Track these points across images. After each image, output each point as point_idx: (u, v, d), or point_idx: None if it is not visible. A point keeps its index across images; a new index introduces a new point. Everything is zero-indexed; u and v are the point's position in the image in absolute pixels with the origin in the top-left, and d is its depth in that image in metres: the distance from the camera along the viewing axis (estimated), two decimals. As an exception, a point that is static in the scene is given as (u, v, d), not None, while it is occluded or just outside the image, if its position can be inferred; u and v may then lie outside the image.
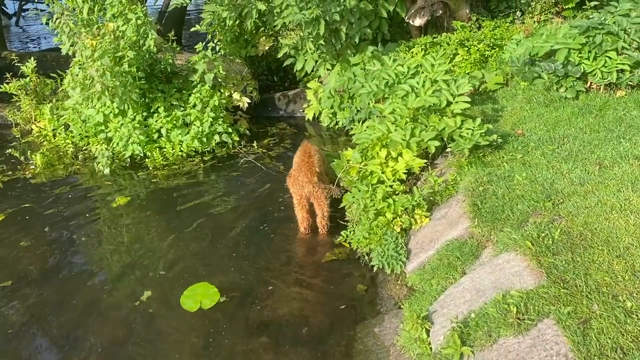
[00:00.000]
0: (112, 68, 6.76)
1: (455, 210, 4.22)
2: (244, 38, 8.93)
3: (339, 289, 4.41)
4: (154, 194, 6.30)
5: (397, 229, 4.43)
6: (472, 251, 3.87)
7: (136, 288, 4.57)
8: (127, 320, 4.19)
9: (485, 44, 6.75)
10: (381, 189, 4.54)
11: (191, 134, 7.12)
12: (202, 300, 4.31)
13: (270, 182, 6.38)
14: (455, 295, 3.49)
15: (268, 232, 5.32)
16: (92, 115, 7.15)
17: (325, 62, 7.57)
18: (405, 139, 4.62)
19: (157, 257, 5.00)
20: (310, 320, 4.10)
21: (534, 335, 2.85)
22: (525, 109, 5.48)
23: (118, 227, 5.58)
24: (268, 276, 4.63)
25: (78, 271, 4.87)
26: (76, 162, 7.24)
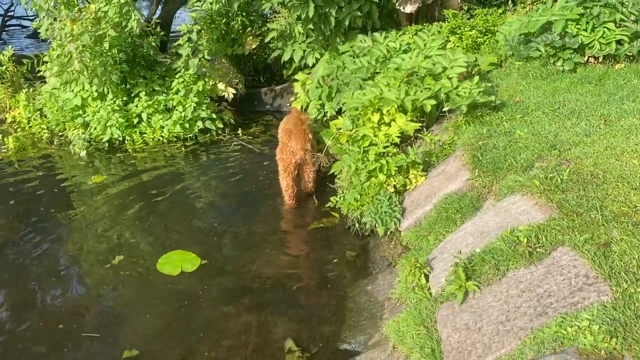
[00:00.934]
0: (92, 47, 6.51)
1: (453, 166, 3.97)
2: (230, 37, 8.76)
3: (327, 255, 4.16)
4: (131, 173, 6.00)
5: (390, 189, 4.16)
6: (473, 203, 3.60)
7: (108, 255, 4.24)
8: (101, 282, 3.85)
9: (478, 30, 6.63)
10: (373, 150, 4.28)
11: (173, 119, 6.86)
12: (183, 265, 4.01)
13: (254, 164, 6.14)
14: (456, 240, 3.20)
15: (251, 206, 5.10)
16: (69, 99, 6.87)
17: (314, 51, 7.39)
18: (400, 98, 4.38)
19: (130, 228, 4.70)
20: (297, 283, 3.82)
21: (548, 263, 2.56)
22: (522, 84, 5.29)
23: (90, 202, 5.24)
24: (251, 244, 4.37)
25: (43, 241, 4.50)
26: (51, 147, 6.91)
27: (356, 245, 4.25)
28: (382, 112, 4.64)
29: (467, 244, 3.07)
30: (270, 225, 4.66)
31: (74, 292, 3.79)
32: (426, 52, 5.30)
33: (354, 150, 4.41)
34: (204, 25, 8.17)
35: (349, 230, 4.44)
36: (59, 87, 7.12)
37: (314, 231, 4.51)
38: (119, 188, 5.63)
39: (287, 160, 4.88)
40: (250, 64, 9.13)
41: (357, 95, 4.80)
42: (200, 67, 7.32)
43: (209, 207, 5.11)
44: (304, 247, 4.31)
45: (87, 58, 6.44)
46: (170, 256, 4.17)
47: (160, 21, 7.59)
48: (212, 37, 8.46)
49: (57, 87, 7.13)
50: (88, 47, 6.43)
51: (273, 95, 8.48)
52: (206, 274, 3.93)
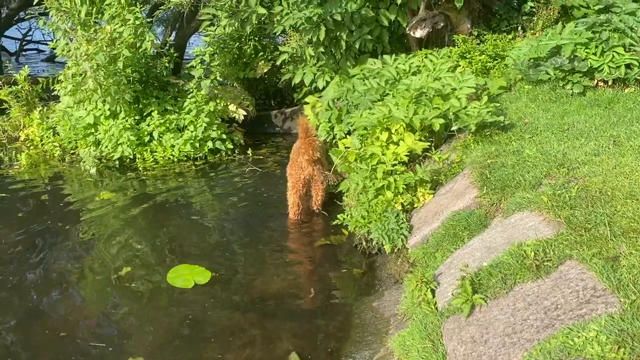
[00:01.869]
0: (107, 67, 6.65)
1: (461, 184, 3.97)
2: (242, 61, 8.92)
3: (333, 272, 4.16)
4: (141, 191, 6.06)
5: (398, 207, 4.16)
6: (481, 220, 3.59)
7: (116, 267, 4.27)
8: (108, 293, 3.90)
9: (487, 55, 6.70)
10: (381, 168, 4.30)
11: (184, 138, 6.94)
12: (195, 278, 4.04)
13: (263, 183, 6.19)
14: (463, 256, 3.19)
15: (259, 223, 5.13)
16: (82, 117, 6.99)
17: (325, 74, 7.49)
18: (408, 116, 4.42)
19: (137, 242, 4.75)
20: (302, 299, 3.82)
21: (555, 277, 2.54)
22: (531, 107, 5.32)
23: (98, 217, 5.30)
24: (258, 260, 4.39)
25: (50, 253, 4.54)
26: (62, 164, 7.00)
27: (363, 263, 4.25)
28: (391, 131, 4.68)
29: (474, 259, 3.06)
30: (277, 242, 4.68)
31: (80, 302, 3.81)
32: (435, 74, 5.36)
33: (362, 168, 4.44)
34: (217, 49, 8.34)
35: (356, 248, 4.44)
36: (73, 106, 7.26)
37: (320, 248, 4.52)
38: (127, 204, 5.68)
39: (296, 176, 4.92)
40: (262, 87, 9.27)
41: (366, 114, 4.85)
42: (212, 89, 7.45)
43: (217, 223, 5.14)
44: (310, 264, 4.32)
45: (101, 77, 6.58)
46: (180, 269, 4.20)
47: (174, 43, 7.75)
48: (225, 60, 8.63)
49: (71, 105, 7.27)
50: (102, 66, 6.57)
51: (283, 118, 8.58)
52: (214, 288, 3.94)
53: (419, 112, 4.51)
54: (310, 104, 7.78)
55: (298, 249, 4.59)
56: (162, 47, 7.69)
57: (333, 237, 4.67)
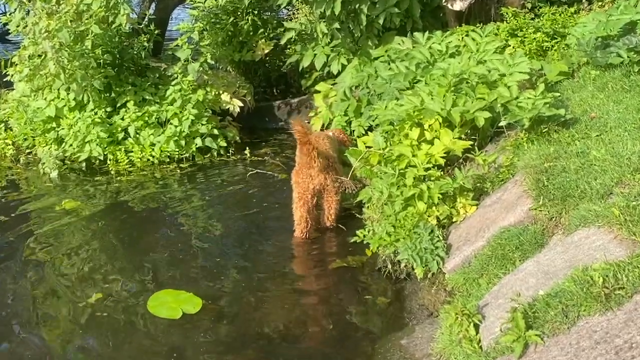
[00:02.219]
0: (72, 46, 6.75)
1: (512, 193, 3.99)
2: (238, 40, 8.98)
3: (352, 302, 4.21)
4: (113, 199, 6.15)
5: (432, 221, 4.19)
6: (536, 238, 3.61)
7: (83, 293, 4.36)
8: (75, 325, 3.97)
9: (544, 32, 6.72)
10: (412, 172, 4.33)
11: (166, 135, 7.01)
12: (183, 307, 4.11)
13: (263, 190, 6.26)
14: (514, 282, 3.22)
15: (258, 240, 5.21)
16: (41, 109, 7.08)
17: (340, 55, 7.54)
18: (445, 109, 4.45)
19: (109, 263, 4.83)
20: (313, 335, 3.89)
21: (629, 309, 2.56)
22: (599, 97, 5.33)
23: (59, 232, 5.40)
24: (257, 285, 4.45)
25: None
26: (16, 167, 7.10)
27: (388, 291, 4.29)
28: (423, 127, 4.71)
29: (528, 287, 3.08)
30: (281, 264, 4.73)
31: (37, 343, 3.86)
32: (479, 57, 5.38)
33: (387, 173, 4.47)
34: (207, 24, 8.42)
35: (379, 272, 4.48)
36: (29, 95, 7.35)
37: (335, 272, 4.56)
38: (96, 216, 5.74)
39: (304, 185, 4.97)
40: (262, 72, 9.33)
41: (392, 106, 4.89)
42: (201, 74, 7.52)
43: (207, 240, 5.19)
44: (322, 291, 4.37)
45: (65, 59, 6.66)
46: (162, 296, 4.26)
47: (155, 18, 7.85)
48: (217, 39, 8.69)
49: (27, 94, 7.35)
50: (66, 45, 6.66)
51: (288, 110, 8.64)
52: (207, 319, 4.00)
53: (458, 104, 4.53)
54: (321, 93, 7.82)
55: (308, 273, 4.65)
56: (140, 22, 7.75)
57: (351, 258, 4.70)
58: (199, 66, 7.38)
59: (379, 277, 4.43)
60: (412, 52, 5.89)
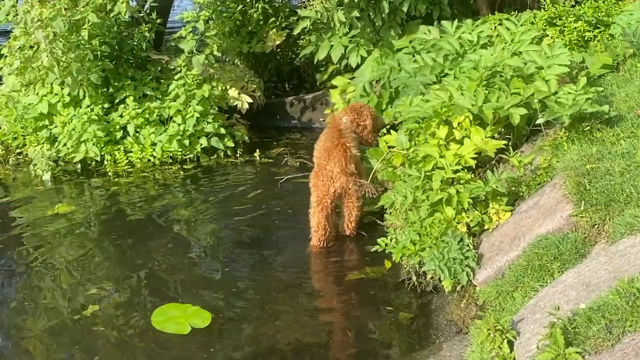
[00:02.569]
0: (67, 37, 6.83)
1: (550, 197, 4.00)
2: (247, 30, 9.04)
3: (372, 317, 4.25)
4: (110, 203, 6.23)
5: (462, 228, 4.20)
6: (577, 247, 3.63)
7: (77, 306, 4.43)
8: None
9: (585, 21, 6.72)
10: (439, 175, 4.34)
11: (169, 133, 7.08)
12: (191, 321, 4.17)
13: (275, 194, 6.32)
14: (552, 295, 3.23)
15: (269, 249, 5.29)
16: (32, 104, 7.18)
17: (359, 47, 7.57)
18: (476, 105, 4.46)
19: (105, 273, 4.91)
20: (329, 352, 3.91)
21: (682, 325, 2.56)
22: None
23: (51, 239, 5.49)
24: (268, 298, 4.51)
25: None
26: (5, 168, 7.20)
27: (413, 305, 4.32)
28: (452, 125, 4.73)
29: (567, 300, 3.09)
30: (294, 275, 4.78)
31: (25, 355, 3.95)
32: (514, 48, 5.39)
33: (411, 176, 4.49)
34: (213, 13, 8.48)
35: (403, 284, 4.49)
36: (20, 90, 7.45)
37: (354, 284, 4.60)
38: (92, 222, 5.83)
39: (323, 189, 5.00)
40: (273, 65, 9.38)
41: (418, 102, 4.91)
42: (206, 67, 7.58)
43: (213, 249, 5.27)
44: (340, 305, 4.42)
45: (59, 50, 6.74)
46: (167, 310, 4.33)
47: (156, 6, 7.91)
48: (224, 29, 8.76)
49: (18, 89, 7.46)
50: (61, 36, 6.74)
51: (302, 107, 8.68)
52: (214, 334, 4.06)
53: (491, 99, 4.54)
54: (338, 88, 7.85)
55: (323, 285, 4.71)
56: (140, 10, 7.84)
57: (370, 269, 4.74)
58: (205, 59, 7.44)
59: (403, 290, 4.45)
60: (439, 42, 5.90)
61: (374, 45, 7.56)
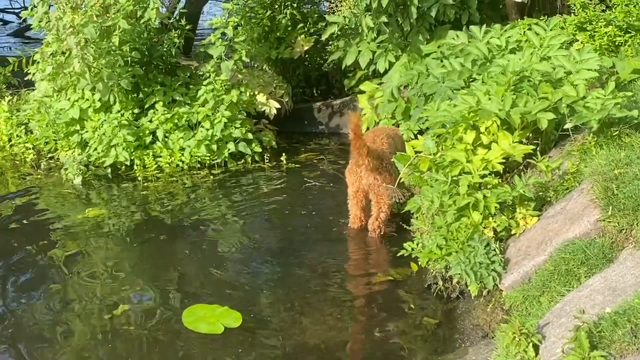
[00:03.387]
0: (98, 43, 6.97)
1: (577, 202, 4.01)
2: (275, 35, 9.13)
3: (397, 322, 4.30)
4: (140, 207, 6.34)
5: (488, 233, 4.23)
6: (604, 252, 3.63)
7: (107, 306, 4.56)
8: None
9: (616, 26, 6.70)
10: (466, 179, 4.37)
11: (197, 139, 7.18)
12: (222, 321, 4.27)
13: (303, 201, 6.38)
14: (578, 299, 3.25)
15: (295, 253, 5.36)
16: (64, 110, 7.31)
17: (387, 52, 7.61)
18: (504, 109, 4.49)
19: (137, 276, 5.01)
20: (354, 356, 4.00)
21: None
22: (680, 98, 5.32)
23: (82, 242, 5.62)
24: (293, 301, 4.58)
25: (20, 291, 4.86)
26: (36, 172, 7.34)
27: (439, 310, 4.35)
28: (479, 130, 4.76)
29: (593, 304, 3.11)
30: (321, 279, 4.84)
31: None
32: (543, 52, 5.41)
33: (438, 180, 4.52)
34: (241, 19, 8.58)
35: (429, 289, 4.53)
36: (52, 95, 7.60)
37: (380, 287, 4.68)
38: (121, 225, 5.94)
39: (356, 185, 5.31)
40: (301, 71, 9.45)
41: (445, 106, 4.94)
42: (235, 73, 7.68)
43: (240, 252, 5.35)
44: (366, 308, 4.47)
45: (91, 56, 6.88)
46: (196, 310, 4.42)
47: (186, 13, 8.03)
48: (252, 35, 8.85)
49: (50, 94, 7.61)
50: (92, 42, 6.88)
51: (329, 113, 8.75)
52: (246, 333, 4.16)
53: (518, 104, 4.56)
54: (366, 94, 7.92)
55: (350, 288, 4.74)
56: (170, 17, 7.97)
57: (394, 271, 4.85)
58: (233, 64, 7.53)
59: (428, 296, 4.50)
60: (467, 47, 5.94)
61: (402, 51, 7.60)
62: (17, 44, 15.82)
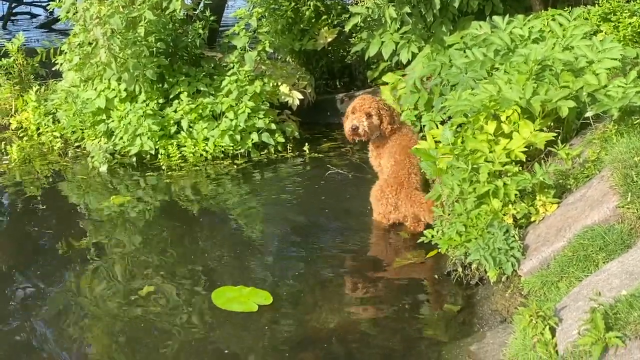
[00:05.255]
0: (124, 34, 7.08)
1: (597, 189, 4.03)
2: (299, 27, 9.19)
3: (417, 308, 4.37)
4: (164, 195, 6.47)
5: (508, 220, 4.26)
6: (622, 238, 3.65)
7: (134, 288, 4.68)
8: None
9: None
10: (486, 167, 4.41)
11: (221, 129, 7.27)
12: (254, 300, 4.41)
13: (326, 190, 6.46)
14: (595, 284, 3.28)
15: (316, 238, 5.48)
16: (90, 99, 7.44)
17: (411, 43, 7.64)
18: (524, 98, 4.51)
19: (162, 260, 5.13)
20: (374, 338, 4.02)
21: None
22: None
23: (108, 228, 5.77)
24: (314, 285, 4.67)
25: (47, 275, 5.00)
26: (63, 160, 7.50)
27: (458, 296, 4.39)
28: (500, 119, 4.79)
29: (610, 288, 3.14)
30: (341, 263, 4.95)
31: (90, 332, 4.20)
32: (565, 43, 5.41)
33: (458, 168, 4.56)
34: (265, 10, 8.67)
35: (448, 276, 4.58)
36: (79, 85, 7.74)
37: (400, 274, 4.74)
38: (146, 212, 6.09)
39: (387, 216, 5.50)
40: (324, 63, 9.50)
41: (466, 95, 4.97)
42: (259, 64, 7.76)
43: (263, 239, 5.46)
44: (385, 295, 4.53)
45: (117, 47, 7.00)
46: (225, 292, 4.53)
47: (210, 3, 8.12)
48: (276, 26, 8.95)
49: (77, 84, 7.75)
50: (118, 32, 7.00)
51: (352, 104, 8.78)
52: (261, 317, 4.25)
53: (539, 92, 4.58)
54: (389, 85, 7.95)
55: (371, 275, 4.80)
56: (195, 8, 8.07)
57: (411, 254, 4.99)
58: (257, 55, 7.61)
59: (447, 282, 4.55)
60: (490, 37, 5.95)
61: (425, 42, 7.61)
62: (44, 35, 16.06)
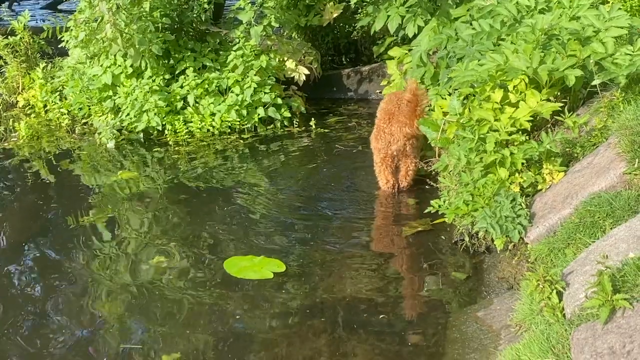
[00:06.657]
0: (129, 9, 7.06)
1: (604, 156, 4.03)
2: (304, 2, 9.14)
3: (426, 276, 4.41)
4: (171, 170, 6.46)
5: (515, 189, 4.26)
6: (629, 204, 3.65)
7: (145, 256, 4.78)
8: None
9: (649, -13, 6.62)
10: (493, 136, 4.40)
11: (227, 104, 7.26)
12: (267, 268, 4.48)
13: (333, 164, 6.48)
14: (602, 248, 3.28)
15: (325, 210, 5.50)
16: (97, 76, 7.44)
17: (416, 17, 7.59)
18: (531, 67, 4.49)
19: (171, 234, 5.17)
20: (383, 306, 4.07)
21: None
22: None
23: (115, 202, 5.82)
24: (324, 255, 4.71)
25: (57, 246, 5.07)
26: (71, 137, 7.51)
27: (466, 265, 4.43)
28: (507, 89, 4.77)
29: (618, 252, 3.14)
30: (348, 235, 4.97)
31: (103, 300, 4.29)
32: (572, 12, 5.37)
33: (465, 138, 4.56)
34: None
35: (456, 245, 4.60)
36: (85, 61, 7.73)
37: (408, 244, 4.77)
38: (153, 187, 6.12)
39: (383, 151, 5.35)
40: (330, 38, 9.46)
41: (473, 66, 4.95)
42: (264, 38, 7.73)
43: (271, 212, 5.46)
44: (393, 263, 4.58)
45: (122, 22, 6.98)
46: (237, 262, 4.60)
47: (216, -22, 8.11)
48: (281, 2, 8.89)
49: (83, 60, 7.74)
50: (124, 8, 6.97)
51: (358, 79, 8.77)
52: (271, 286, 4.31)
53: (546, 61, 4.56)
54: (395, 59, 7.91)
55: (379, 245, 4.89)
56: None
57: (418, 222, 5.03)
58: (262, 30, 7.58)
59: (455, 251, 4.58)
60: (496, 8, 5.91)
61: (431, 15, 7.57)
62: (51, 15, 16.01)
